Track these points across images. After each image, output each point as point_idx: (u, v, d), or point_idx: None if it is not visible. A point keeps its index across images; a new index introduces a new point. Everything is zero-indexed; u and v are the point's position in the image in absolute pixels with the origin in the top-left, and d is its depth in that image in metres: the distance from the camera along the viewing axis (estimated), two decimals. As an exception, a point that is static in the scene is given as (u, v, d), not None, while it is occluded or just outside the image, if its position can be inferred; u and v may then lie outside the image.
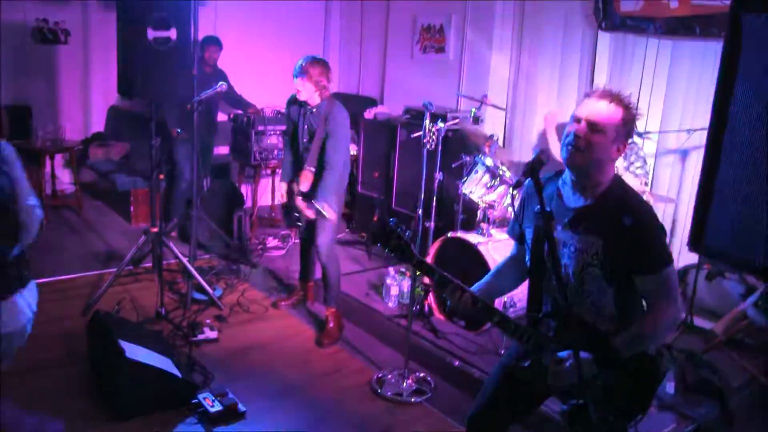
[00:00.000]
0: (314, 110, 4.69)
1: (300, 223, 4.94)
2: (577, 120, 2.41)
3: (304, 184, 4.72)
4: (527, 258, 2.61)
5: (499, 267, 2.89)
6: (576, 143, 2.37)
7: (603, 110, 2.37)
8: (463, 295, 2.53)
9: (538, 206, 2.33)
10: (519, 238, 2.75)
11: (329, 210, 4.62)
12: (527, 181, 2.42)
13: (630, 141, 2.50)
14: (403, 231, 2.56)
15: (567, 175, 2.52)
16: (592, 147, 2.36)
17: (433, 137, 4.46)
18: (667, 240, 2.49)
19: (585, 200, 2.46)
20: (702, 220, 2.69)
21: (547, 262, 2.46)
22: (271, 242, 6.69)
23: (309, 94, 4.64)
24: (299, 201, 4.76)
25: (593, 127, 2.36)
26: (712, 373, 4.25)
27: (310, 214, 4.71)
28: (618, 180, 2.49)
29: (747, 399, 4.30)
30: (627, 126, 2.39)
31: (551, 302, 2.57)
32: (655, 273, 2.38)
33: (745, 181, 2.49)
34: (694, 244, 2.73)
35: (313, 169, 4.70)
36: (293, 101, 4.83)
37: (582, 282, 2.47)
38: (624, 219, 2.36)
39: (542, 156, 2.36)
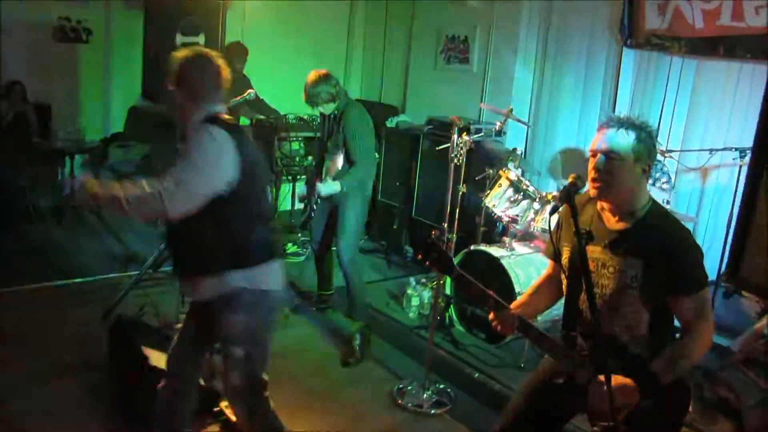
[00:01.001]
0: (332, 115, 4.85)
1: (312, 214, 5.01)
2: (593, 154, 2.46)
3: (325, 173, 4.84)
4: (563, 277, 2.65)
5: (536, 285, 2.93)
6: (598, 177, 2.43)
7: (615, 138, 2.42)
8: (503, 312, 2.59)
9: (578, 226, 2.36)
10: (555, 257, 2.78)
11: (331, 184, 4.74)
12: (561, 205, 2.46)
13: (654, 160, 2.53)
14: (444, 244, 2.60)
15: None
16: (614, 176, 2.41)
17: (461, 152, 4.49)
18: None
19: (625, 223, 2.50)
20: (739, 254, 2.73)
21: (587, 282, 2.49)
22: (291, 248, 6.71)
23: (328, 109, 4.80)
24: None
25: (610, 156, 2.41)
26: (728, 391, 4.26)
27: (320, 186, 4.82)
28: (656, 203, 2.53)
29: (762, 417, 4.32)
30: (644, 145, 2.43)
31: (586, 322, 2.58)
32: (694, 294, 2.41)
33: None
34: (731, 275, 2.76)
35: (336, 160, 4.82)
36: (322, 114, 4.96)
37: (620, 304, 2.49)
38: (665, 241, 2.40)
39: (578, 181, 2.41)
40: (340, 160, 4.83)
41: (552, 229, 2.82)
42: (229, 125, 2.88)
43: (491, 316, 2.62)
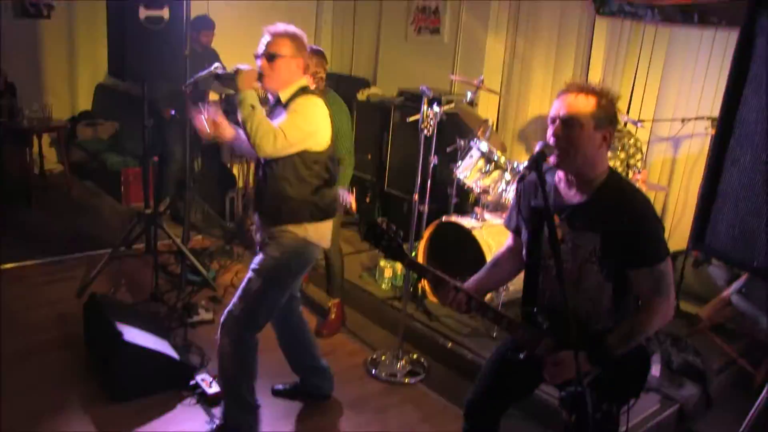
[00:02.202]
0: None
1: None
2: (552, 121, 2.40)
3: None
4: (524, 251, 2.64)
5: (496, 258, 2.88)
6: (557, 144, 2.36)
7: (575, 103, 2.35)
8: (457, 295, 2.54)
9: (535, 200, 2.35)
10: (516, 230, 2.76)
11: (352, 199, 4.76)
12: (530, 174, 2.44)
13: (616, 127, 2.45)
14: (395, 231, 2.57)
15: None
16: (574, 143, 2.35)
17: (431, 122, 4.47)
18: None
19: (581, 196, 2.45)
20: (704, 219, 2.73)
21: (546, 257, 2.49)
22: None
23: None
24: None
25: (570, 122, 2.34)
26: (695, 357, 4.35)
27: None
28: (613, 173, 2.47)
29: (727, 381, 4.43)
30: (605, 111, 2.36)
31: (546, 297, 2.58)
32: (650, 266, 2.36)
33: (749, 182, 2.53)
34: (696, 242, 2.77)
35: None
36: None
37: (580, 278, 2.46)
38: (622, 214, 2.35)
39: (546, 149, 2.36)
40: None
41: (513, 201, 2.78)
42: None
43: (442, 301, 2.58)
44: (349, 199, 4.70)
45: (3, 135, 6.92)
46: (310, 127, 3.14)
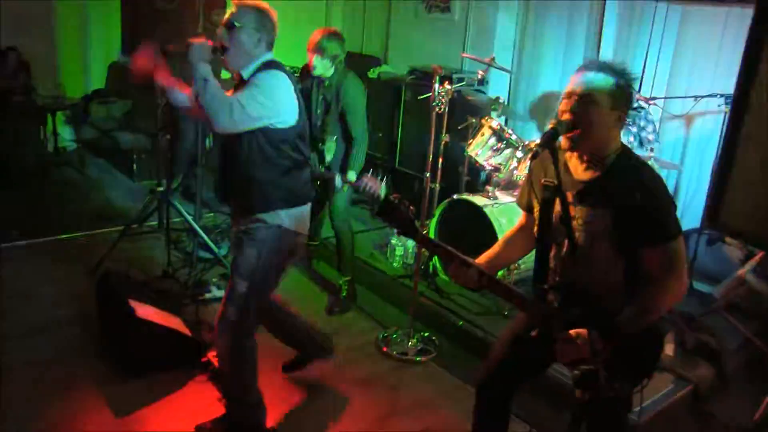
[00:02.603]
0: (327, 82, 4.65)
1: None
2: (568, 96, 2.37)
3: (329, 154, 4.72)
4: (535, 228, 2.62)
5: (508, 236, 2.87)
6: (572, 121, 2.34)
7: (593, 80, 2.33)
8: (468, 270, 2.52)
9: (546, 178, 2.33)
10: (527, 207, 2.76)
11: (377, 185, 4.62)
12: (542, 151, 2.42)
13: (631, 108, 2.45)
14: (407, 206, 2.55)
15: None
16: (588, 120, 2.33)
17: (443, 100, 4.45)
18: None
19: (593, 173, 2.43)
20: (719, 197, 2.71)
21: (557, 234, 2.48)
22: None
23: (324, 69, 4.59)
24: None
25: (586, 98, 2.32)
26: (709, 336, 4.32)
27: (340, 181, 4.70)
28: (626, 150, 2.44)
29: (742, 361, 4.40)
30: (622, 91, 2.35)
31: (557, 274, 2.57)
32: (662, 244, 2.33)
33: (765, 158, 2.50)
34: (710, 219, 2.76)
35: (335, 137, 4.69)
36: (306, 76, 4.78)
37: (591, 255, 2.44)
38: (634, 191, 2.32)
39: (559, 126, 2.35)
40: (333, 143, 4.73)
41: (526, 178, 2.76)
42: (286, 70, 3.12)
43: (453, 277, 2.57)
44: (375, 186, 4.66)
45: (18, 113, 6.97)
46: (270, 100, 2.97)
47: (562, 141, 2.37)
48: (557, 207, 2.42)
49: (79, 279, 4.89)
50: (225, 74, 3.58)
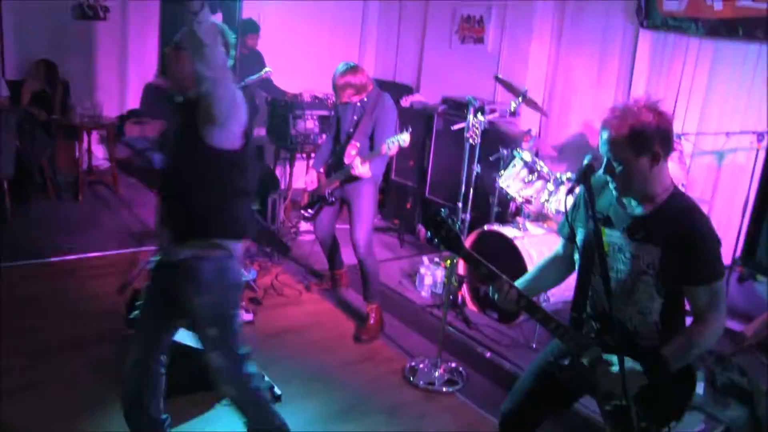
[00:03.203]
0: (360, 103, 4.73)
1: (333, 199, 4.90)
2: (603, 151, 2.42)
3: (348, 156, 4.70)
4: (576, 257, 2.64)
5: (543, 264, 2.90)
6: (609, 176, 2.41)
7: (616, 137, 2.35)
8: (510, 291, 2.56)
9: (593, 209, 2.36)
10: (569, 236, 2.77)
11: (365, 166, 4.60)
12: (580, 187, 2.46)
13: (667, 145, 2.42)
14: (453, 222, 2.59)
15: None
16: (624, 172, 2.38)
17: (477, 131, 4.49)
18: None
19: (644, 209, 2.47)
20: (756, 234, 2.71)
21: (600, 265, 2.49)
22: (304, 226, 6.74)
23: (356, 98, 4.70)
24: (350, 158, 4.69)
25: (614, 157, 2.36)
26: (740, 376, 4.27)
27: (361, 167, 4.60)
28: (677, 190, 2.48)
29: (776, 403, 4.34)
30: (650, 135, 2.35)
31: (596, 304, 2.59)
32: (708, 284, 2.39)
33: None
34: (746, 258, 2.76)
35: (359, 144, 4.70)
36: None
37: (633, 289, 2.48)
38: (684, 231, 2.37)
39: (594, 162, 2.40)
40: (355, 148, 4.72)
41: (566, 209, 2.80)
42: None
43: (495, 295, 2.58)
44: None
45: (55, 130, 7.13)
46: (218, 119, 2.70)
47: (614, 191, 2.45)
48: (604, 239, 2.45)
49: (110, 297, 4.93)
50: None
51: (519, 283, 2.73)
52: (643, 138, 2.34)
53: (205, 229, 2.81)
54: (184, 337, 3.90)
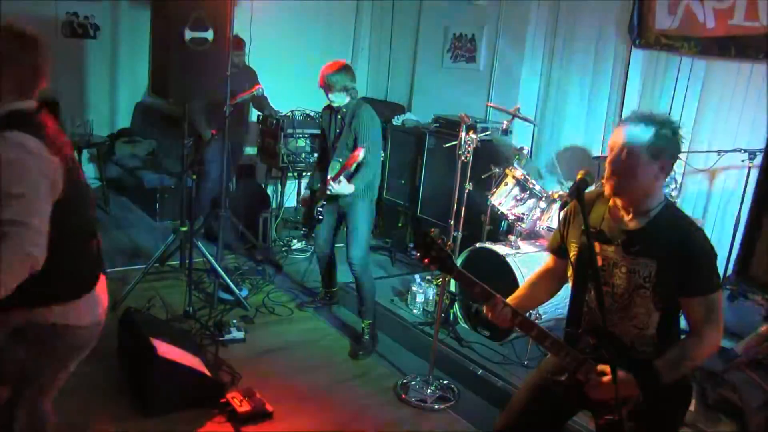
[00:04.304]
0: (341, 112, 4.76)
1: (320, 217, 4.86)
2: (611, 149, 2.43)
3: (332, 172, 4.67)
4: (569, 273, 2.64)
5: (533, 279, 2.92)
6: (613, 172, 2.40)
7: (633, 132, 2.38)
8: (504, 309, 2.56)
9: (582, 226, 2.36)
10: (558, 252, 2.77)
11: (346, 185, 4.58)
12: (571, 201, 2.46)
13: (676, 158, 2.47)
14: (444, 242, 2.58)
15: None
16: (629, 172, 2.38)
17: (469, 149, 4.50)
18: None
19: (637, 223, 2.47)
20: (749, 251, 2.72)
21: (595, 280, 2.49)
22: (296, 244, 6.74)
23: (340, 100, 4.70)
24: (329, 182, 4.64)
25: (626, 149, 2.37)
26: (732, 393, 4.27)
27: (335, 185, 4.57)
28: (670, 203, 2.50)
29: (764, 418, 4.32)
30: (663, 141, 2.37)
31: (592, 319, 2.59)
32: (704, 296, 2.40)
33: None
34: (740, 273, 2.76)
35: (341, 160, 4.66)
36: (326, 109, 4.91)
37: (630, 303, 2.48)
38: (679, 243, 2.38)
39: (587, 177, 2.41)
40: (337, 163, 4.69)
41: (558, 225, 2.80)
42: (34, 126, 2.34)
43: (489, 313, 2.58)
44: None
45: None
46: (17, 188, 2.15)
47: (606, 187, 2.44)
48: (598, 254, 2.46)
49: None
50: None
51: (510, 299, 2.74)
52: (661, 146, 2.37)
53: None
54: (174, 354, 3.89)
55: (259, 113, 7.08)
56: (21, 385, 2.53)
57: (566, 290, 2.77)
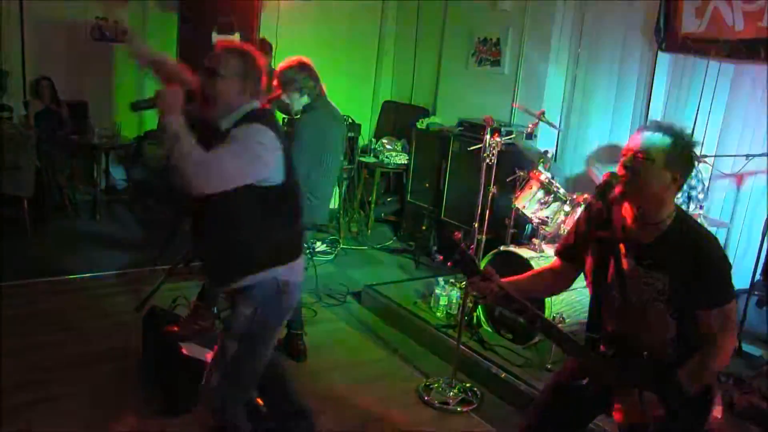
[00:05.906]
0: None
1: None
2: (625, 153, 2.41)
3: None
4: (588, 280, 2.62)
5: (540, 271, 2.91)
6: (625, 175, 2.37)
7: (650, 139, 2.36)
8: (529, 314, 2.54)
9: (602, 231, 2.35)
10: (566, 254, 2.74)
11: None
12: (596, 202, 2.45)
13: (690, 172, 2.46)
14: (468, 246, 2.57)
15: None
16: (640, 177, 2.35)
17: (493, 152, 4.49)
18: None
19: (649, 236, 2.44)
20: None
21: (612, 287, 2.49)
22: (319, 247, 6.76)
23: (296, 101, 4.58)
24: None
25: (640, 155, 2.35)
26: (759, 400, 4.22)
27: None
28: (681, 213, 2.46)
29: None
30: (678, 152, 2.36)
31: (610, 325, 2.56)
32: (720, 308, 2.37)
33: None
34: (766, 275, 2.74)
35: None
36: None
37: (645, 315, 2.46)
38: (692, 256, 2.35)
39: (612, 179, 2.39)
40: None
41: (575, 226, 2.75)
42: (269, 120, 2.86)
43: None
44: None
45: (74, 150, 7.22)
46: (250, 158, 2.62)
47: (615, 191, 2.40)
48: (614, 261, 2.45)
49: (125, 314, 4.96)
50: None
51: (510, 280, 2.66)
52: (675, 156, 2.35)
53: (251, 263, 2.85)
54: (198, 353, 3.91)
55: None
56: (246, 341, 2.89)
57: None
